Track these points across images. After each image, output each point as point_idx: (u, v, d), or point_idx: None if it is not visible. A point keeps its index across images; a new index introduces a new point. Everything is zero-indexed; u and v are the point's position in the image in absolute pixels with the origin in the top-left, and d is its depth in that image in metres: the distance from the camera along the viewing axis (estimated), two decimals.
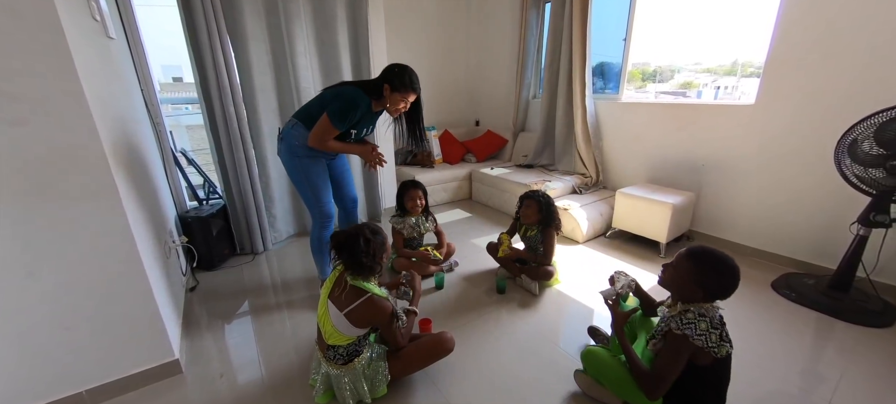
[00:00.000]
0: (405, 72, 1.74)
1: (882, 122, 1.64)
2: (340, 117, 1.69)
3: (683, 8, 2.96)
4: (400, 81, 1.73)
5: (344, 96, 1.71)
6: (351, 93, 1.72)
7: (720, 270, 1.09)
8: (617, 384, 1.27)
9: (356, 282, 1.30)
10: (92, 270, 1.27)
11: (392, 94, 1.74)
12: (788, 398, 1.37)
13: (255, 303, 2.08)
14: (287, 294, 2.16)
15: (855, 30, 1.89)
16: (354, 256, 1.27)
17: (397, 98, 1.75)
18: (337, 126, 1.71)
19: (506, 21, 3.87)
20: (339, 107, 1.69)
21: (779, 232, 2.32)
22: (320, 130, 1.71)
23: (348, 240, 1.28)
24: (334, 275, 1.37)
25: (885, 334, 1.69)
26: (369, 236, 1.30)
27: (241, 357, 1.66)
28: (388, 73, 1.75)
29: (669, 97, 3.36)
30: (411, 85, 1.75)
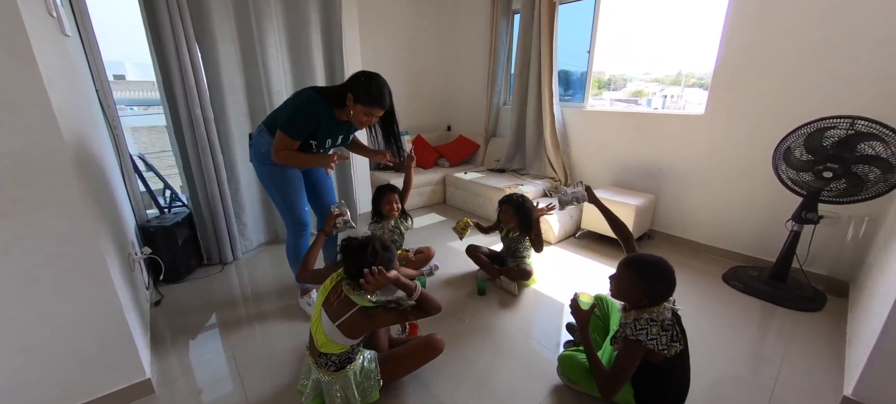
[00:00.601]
0: (372, 82, 1.53)
1: (810, 132, 1.88)
2: (291, 128, 1.55)
3: (634, 22, 3.19)
4: (365, 94, 1.52)
5: (300, 107, 1.56)
6: (304, 100, 1.57)
7: (657, 274, 1.19)
8: (588, 383, 1.36)
9: (350, 294, 1.29)
10: (58, 287, 1.17)
11: (355, 105, 1.54)
12: (740, 379, 1.53)
13: (229, 316, 2.00)
14: (261, 304, 2.09)
15: (787, 50, 2.16)
16: (359, 266, 1.26)
17: (361, 111, 1.55)
18: (293, 137, 1.56)
19: (476, 30, 3.97)
20: (288, 118, 1.55)
21: (728, 230, 2.57)
22: (279, 146, 1.58)
23: (358, 249, 1.27)
24: (332, 281, 1.36)
25: (816, 317, 1.93)
26: (379, 250, 1.29)
27: (218, 372, 1.59)
28: (353, 81, 1.55)
29: (622, 105, 3.61)
30: (378, 99, 1.54)
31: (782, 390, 1.47)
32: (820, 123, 1.84)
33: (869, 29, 1.90)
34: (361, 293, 1.28)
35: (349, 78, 1.59)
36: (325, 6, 2.64)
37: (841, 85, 2.01)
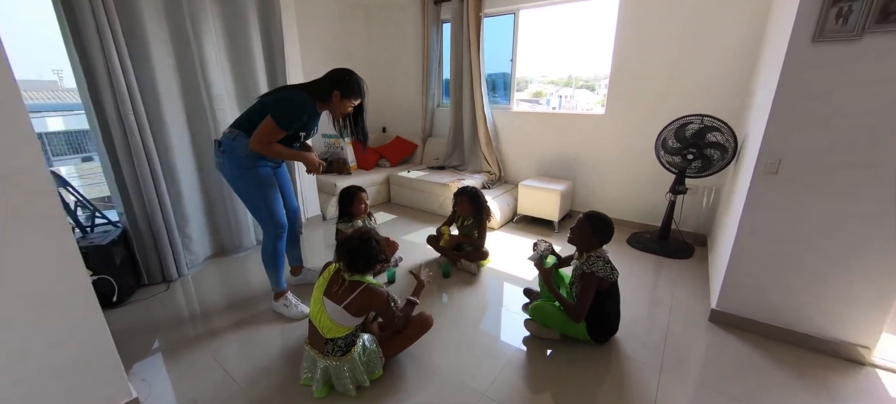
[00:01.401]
0: (353, 78, 1.80)
1: (678, 126, 2.55)
2: (287, 121, 1.67)
3: (535, 33, 3.72)
4: (349, 88, 1.78)
5: (291, 100, 1.69)
6: (298, 97, 1.71)
7: (606, 222, 1.67)
8: (556, 322, 1.74)
9: (353, 278, 1.44)
10: (43, 308, 1.09)
11: (342, 100, 1.78)
12: (648, 320, 2.06)
13: (200, 329, 1.92)
14: (232, 314, 2.04)
15: (659, 65, 2.85)
16: (364, 257, 1.42)
17: (347, 104, 1.81)
18: (284, 128, 1.67)
19: (408, 38, 4.19)
20: (287, 110, 1.67)
21: (628, 203, 3.26)
22: (264, 133, 1.65)
23: (360, 242, 1.43)
24: (328, 275, 1.47)
25: (690, 262, 2.63)
26: (376, 242, 1.48)
27: (206, 381, 1.57)
28: (337, 78, 1.77)
29: (527, 104, 4.18)
30: (360, 91, 1.83)
31: (674, 313, 2.03)
32: (683, 119, 2.52)
33: (708, 53, 2.65)
34: (364, 275, 1.46)
35: (329, 75, 1.79)
36: (263, 9, 2.60)
37: (697, 91, 2.75)
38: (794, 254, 1.67)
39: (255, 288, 2.30)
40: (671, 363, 1.67)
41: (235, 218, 2.67)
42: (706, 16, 2.60)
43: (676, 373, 1.61)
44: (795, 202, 1.61)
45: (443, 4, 3.85)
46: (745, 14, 2.47)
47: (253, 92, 2.62)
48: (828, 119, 1.49)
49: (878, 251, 1.51)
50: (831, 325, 1.67)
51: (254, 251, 2.80)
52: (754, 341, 1.79)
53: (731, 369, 1.64)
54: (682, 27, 2.70)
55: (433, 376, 1.60)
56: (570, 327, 1.72)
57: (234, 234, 2.71)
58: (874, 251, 1.52)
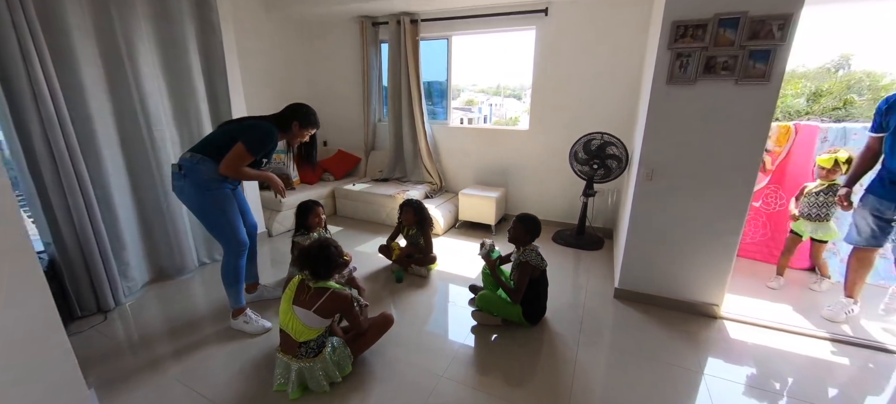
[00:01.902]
0: (310, 111, 2.03)
1: (585, 141, 3.10)
2: (259, 147, 1.83)
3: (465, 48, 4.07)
4: (307, 120, 2.00)
5: (260, 128, 1.85)
6: (266, 126, 1.87)
7: (534, 221, 2.08)
8: (499, 308, 2.08)
9: (318, 284, 1.61)
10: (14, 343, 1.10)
11: (301, 129, 2.00)
12: (570, 303, 2.50)
13: (148, 357, 1.89)
14: (179, 340, 2.03)
15: (571, 87, 3.41)
16: (322, 264, 1.59)
17: (304, 133, 2.03)
18: (253, 153, 1.82)
19: (347, 56, 4.34)
20: (257, 137, 1.83)
21: (551, 206, 3.78)
22: (235, 158, 1.79)
23: (319, 249, 1.59)
24: (294, 286, 1.62)
25: (601, 252, 3.19)
26: (334, 249, 1.66)
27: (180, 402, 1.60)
28: (296, 111, 1.98)
29: (460, 112, 4.61)
30: (317, 122, 2.06)
31: (588, 294, 2.50)
32: (589, 136, 3.08)
33: (606, 84, 3.26)
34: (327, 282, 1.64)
35: (290, 108, 1.99)
36: (201, 30, 2.59)
37: (600, 113, 3.35)
38: (665, 239, 2.22)
39: (205, 309, 2.29)
40: (587, 333, 2.10)
41: (177, 240, 2.60)
42: (602, 58, 3.22)
43: (591, 341, 2.04)
44: (664, 200, 2.16)
45: (381, 26, 4.08)
46: (630, 59, 3.12)
47: (194, 113, 2.60)
48: (679, 138, 2.04)
49: (718, 233, 2.10)
50: (693, 291, 2.25)
51: (198, 272, 2.73)
52: (644, 309, 2.31)
53: (629, 332, 2.11)
54: (586, 63, 3.30)
55: (396, 367, 1.82)
56: (510, 312, 2.07)
57: (175, 257, 2.63)
58: (716, 234, 2.10)
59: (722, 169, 2.00)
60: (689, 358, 1.90)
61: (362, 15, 4.00)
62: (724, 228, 2.08)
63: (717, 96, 1.92)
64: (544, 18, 3.34)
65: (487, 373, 1.81)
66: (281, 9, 3.80)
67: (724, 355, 1.94)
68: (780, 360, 1.90)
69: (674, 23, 1.91)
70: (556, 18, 3.31)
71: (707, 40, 1.87)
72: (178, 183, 1.85)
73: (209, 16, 2.60)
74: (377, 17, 4.03)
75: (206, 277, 2.69)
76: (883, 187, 1.98)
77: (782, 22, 1.74)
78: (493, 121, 9.71)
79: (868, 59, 6.55)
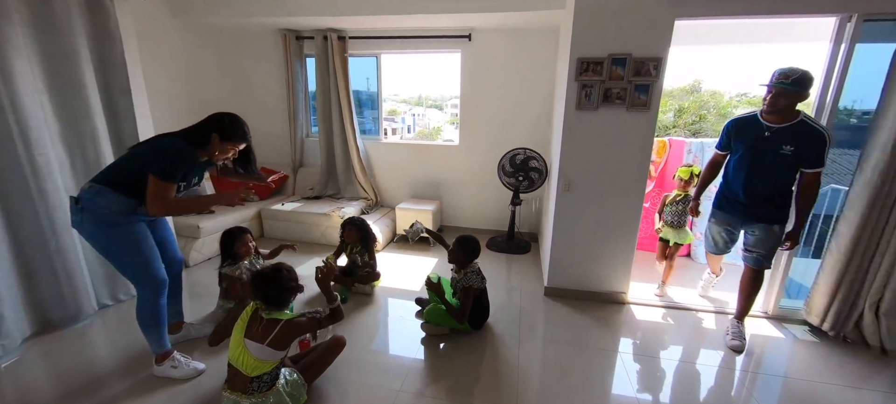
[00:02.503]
0: (236, 121, 1.77)
1: (510, 155, 3.43)
2: (173, 171, 1.60)
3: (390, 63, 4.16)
4: (232, 132, 1.73)
5: (166, 149, 1.61)
6: (176, 144, 1.63)
7: (472, 242, 2.23)
8: (447, 320, 2.21)
9: (271, 315, 1.55)
10: None
11: (222, 143, 1.72)
12: (506, 303, 2.75)
13: None
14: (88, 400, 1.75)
15: (494, 105, 3.74)
16: (275, 287, 1.54)
17: (228, 147, 1.75)
18: (170, 180, 1.59)
19: (269, 69, 4.12)
20: (170, 160, 1.59)
21: (483, 215, 4.06)
22: (154, 194, 1.57)
23: (272, 279, 1.54)
24: (246, 316, 1.54)
25: (529, 255, 3.53)
26: (287, 271, 1.61)
27: None
28: (216, 122, 1.72)
29: (386, 122, 4.68)
30: (243, 135, 1.78)
31: (523, 295, 2.78)
32: (513, 151, 3.41)
33: (526, 104, 3.65)
34: (282, 310, 1.59)
35: (208, 119, 1.73)
36: (98, 44, 2.28)
37: (522, 130, 3.72)
38: (582, 241, 2.58)
39: (114, 359, 2.00)
40: (525, 330, 2.34)
41: (70, 283, 2.21)
42: (520, 82, 3.61)
43: (529, 336, 2.28)
44: (580, 208, 2.52)
45: (306, 41, 3.97)
46: (543, 84, 3.55)
47: (89, 134, 2.27)
48: (588, 155, 2.42)
49: (622, 232, 2.52)
50: (605, 283, 2.65)
51: (98, 317, 2.35)
52: (569, 303, 2.65)
53: (558, 324, 2.41)
54: (506, 85, 3.65)
55: (352, 390, 1.82)
56: (457, 322, 2.20)
57: (67, 303, 2.23)
58: (620, 233, 2.52)
59: (621, 178, 2.43)
60: (608, 340, 2.25)
61: (284, 28, 3.86)
62: (626, 228, 2.51)
63: (614, 120, 2.33)
64: (468, 43, 3.61)
65: (442, 381, 1.91)
66: (191, 15, 3.48)
67: (631, 334, 2.34)
68: (671, 331, 2.35)
69: (579, 59, 2.28)
70: (479, 44, 3.61)
71: (604, 75, 2.27)
72: (75, 218, 1.61)
73: (105, 24, 2.30)
74: (301, 32, 3.92)
75: (110, 321, 2.33)
76: (728, 204, 2.18)
77: (656, 63, 2.21)
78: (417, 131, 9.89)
79: (712, 83, 8.41)
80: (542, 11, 2.91)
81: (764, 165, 1.97)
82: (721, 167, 2.26)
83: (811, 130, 1.86)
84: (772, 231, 2.05)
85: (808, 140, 1.86)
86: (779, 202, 2.02)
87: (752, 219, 2.09)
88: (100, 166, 2.27)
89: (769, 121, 1.95)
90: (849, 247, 2.13)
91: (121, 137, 2.45)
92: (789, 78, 1.81)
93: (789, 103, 1.86)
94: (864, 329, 2.18)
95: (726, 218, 2.23)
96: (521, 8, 2.91)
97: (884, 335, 2.12)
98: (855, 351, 2.17)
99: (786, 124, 1.90)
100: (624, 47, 2.21)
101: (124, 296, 2.54)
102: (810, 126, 1.87)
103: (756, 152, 1.98)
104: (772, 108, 1.90)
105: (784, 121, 1.90)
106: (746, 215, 2.10)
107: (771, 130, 1.93)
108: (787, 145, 1.88)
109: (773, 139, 1.92)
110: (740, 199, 2.09)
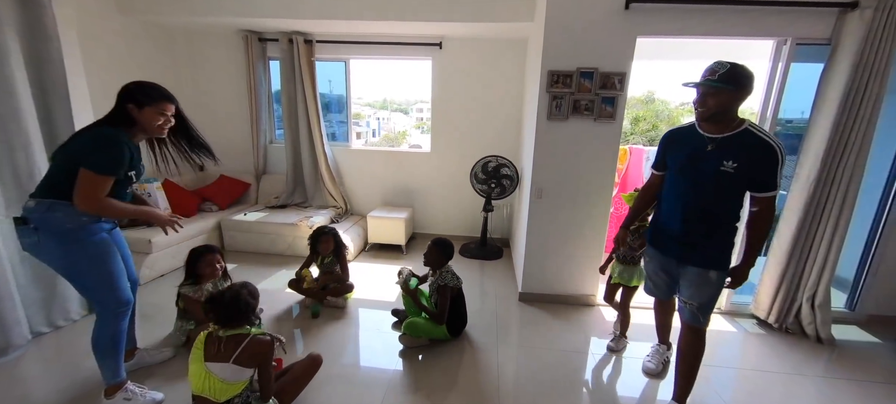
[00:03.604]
0: (144, 85, 1.54)
1: (483, 163, 3.47)
2: (108, 163, 1.42)
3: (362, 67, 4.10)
4: (144, 94, 1.51)
5: (97, 138, 1.43)
6: (106, 132, 1.45)
7: (447, 244, 2.26)
8: (425, 331, 2.18)
9: (230, 332, 1.45)
10: None
11: (141, 111, 1.50)
12: (481, 309, 2.77)
13: None
14: None
15: (464, 115, 3.77)
16: (235, 313, 1.45)
17: (151, 114, 1.52)
18: (109, 173, 1.42)
19: (230, 72, 3.91)
20: (103, 149, 1.41)
21: (456, 222, 4.07)
22: (86, 189, 1.39)
23: (232, 300, 1.46)
24: (200, 343, 1.44)
25: (501, 261, 3.59)
26: (249, 293, 1.52)
27: None
28: (125, 93, 1.51)
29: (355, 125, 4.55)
30: (162, 93, 1.55)
31: (498, 301, 2.81)
32: (485, 158, 3.46)
33: (495, 113, 3.72)
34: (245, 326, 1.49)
35: (118, 96, 1.52)
36: (30, 37, 2.05)
37: (493, 138, 3.78)
38: (554, 246, 2.66)
39: (50, 396, 1.78)
40: (502, 335, 2.36)
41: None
42: (490, 91, 3.68)
43: (506, 341, 2.31)
44: (552, 214, 2.60)
45: (269, 43, 3.80)
46: (513, 94, 3.63)
47: (20, 143, 2.04)
48: (559, 163, 2.50)
49: (590, 236, 2.62)
50: (575, 286, 2.75)
51: (32, 346, 2.10)
52: (542, 306, 2.72)
53: (533, 327, 2.47)
54: (477, 94, 3.71)
55: None
56: (435, 332, 2.19)
57: None
58: (589, 237, 2.62)
59: (589, 185, 2.53)
60: (580, 341, 2.34)
61: (246, 29, 3.67)
62: (595, 232, 2.62)
63: (583, 131, 2.43)
64: (439, 51, 3.63)
65: (423, 392, 1.89)
66: (140, 14, 3.22)
67: (599, 334, 2.43)
68: (635, 330, 2.48)
69: (549, 71, 2.36)
70: (449, 52, 3.64)
71: (573, 87, 2.36)
72: (28, 240, 1.45)
73: (40, 19, 2.07)
74: (264, 34, 3.75)
75: (47, 352, 2.09)
76: (662, 238, 1.72)
77: (621, 77, 2.33)
78: (382, 135, 9.81)
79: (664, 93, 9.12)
80: (511, 23, 2.98)
81: (701, 188, 1.54)
82: (657, 190, 1.79)
83: (758, 142, 1.43)
84: (707, 278, 1.56)
85: (754, 154, 1.43)
86: (719, 239, 1.55)
87: (686, 259, 1.62)
88: (32, 176, 2.05)
89: (707, 132, 1.52)
90: (788, 247, 2.36)
91: (56, 143, 2.20)
92: (716, 73, 1.41)
93: (721, 106, 1.44)
94: (803, 320, 2.42)
95: (661, 258, 1.75)
96: (491, 19, 2.97)
97: (819, 325, 2.36)
98: (796, 341, 2.40)
99: (727, 134, 1.47)
100: (591, 62, 2.32)
101: (64, 321, 2.28)
102: (757, 136, 1.43)
103: (691, 171, 1.56)
104: (702, 112, 1.49)
105: (725, 130, 1.48)
106: (681, 253, 1.63)
107: (714, 142, 1.50)
108: (728, 160, 1.45)
109: (713, 153, 1.49)
110: (673, 233, 1.64)
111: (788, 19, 2.19)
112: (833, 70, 2.18)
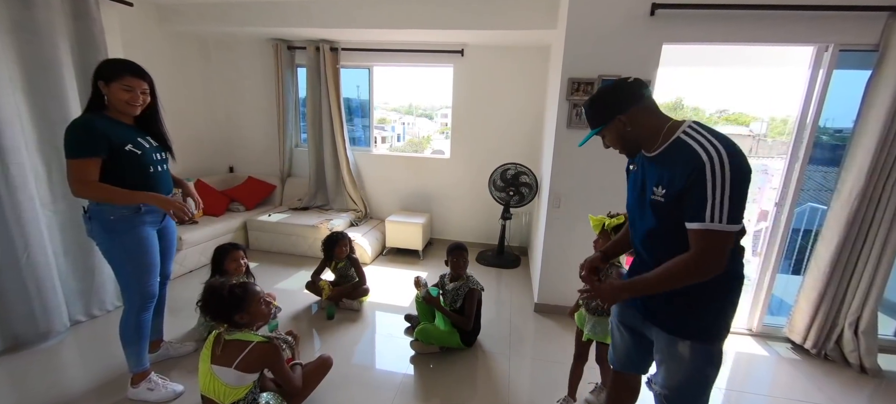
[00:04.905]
0: (113, 59, 1.57)
1: (501, 170, 3.44)
2: (78, 147, 1.44)
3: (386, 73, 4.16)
4: (110, 69, 1.49)
5: (69, 128, 1.47)
6: (75, 119, 1.51)
7: (464, 250, 2.26)
8: (439, 338, 2.17)
9: (233, 337, 1.48)
10: None
11: (109, 86, 1.49)
12: (496, 318, 2.73)
13: None
14: None
15: (486, 120, 3.76)
16: (223, 309, 1.47)
17: (117, 89, 1.49)
18: (81, 155, 1.44)
19: (258, 79, 4.08)
20: (73, 137, 1.45)
21: (473, 229, 4.05)
22: (70, 175, 1.46)
23: (210, 292, 1.49)
24: (209, 343, 1.48)
25: (519, 269, 3.53)
26: (242, 288, 1.51)
27: None
28: (95, 71, 1.51)
29: (376, 130, 4.59)
30: (127, 65, 1.51)
31: (513, 310, 2.76)
32: (504, 166, 3.43)
33: (517, 120, 3.69)
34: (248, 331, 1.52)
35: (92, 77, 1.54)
36: (81, 49, 2.23)
37: (513, 146, 3.75)
38: (572, 257, 2.59)
39: (85, 381, 1.91)
40: (515, 346, 2.32)
41: (41, 298, 2.10)
42: (511, 98, 3.65)
43: (519, 352, 2.26)
44: (570, 224, 2.54)
45: (297, 51, 3.94)
46: (534, 101, 3.59)
47: None
48: (578, 172, 2.45)
49: None
50: None
51: (70, 334, 2.24)
52: (557, 319, 2.65)
53: (547, 340, 2.41)
54: (498, 101, 3.69)
55: None
56: (450, 340, 2.18)
57: (37, 320, 2.12)
58: None
59: (609, 195, 2.45)
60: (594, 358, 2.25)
61: (276, 38, 3.83)
62: None
63: None
64: (461, 58, 3.65)
65: (434, 399, 1.88)
66: (178, 24, 3.42)
67: None
68: None
69: (570, 79, 2.32)
70: (471, 60, 3.65)
71: None
72: (88, 227, 1.62)
73: (90, 31, 2.24)
74: (292, 42, 3.90)
75: (82, 340, 2.23)
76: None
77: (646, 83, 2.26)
78: (407, 140, 9.95)
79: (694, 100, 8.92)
80: (533, 31, 2.96)
81: (643, 225, 1.15)
82: None
83: (686, 154, 0.98)
84: (675, 351, 1.12)
85: (681, 170, 0.99)
86: (684, 296, 1.07)
87: (649, 316, 1.19)
88: None
89: (645, 151, 1.13)
90: (828, 267, 2.19)
91: None
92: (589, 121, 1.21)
93: (619, 140, 1.16)
94: (844, 347, 2.24)
95: (626, 311, 1.31)
96: (513, 27, 2.96)
97: (863, 354, 2.17)
98: (836, 370, 2.22)
99: (655, 152, 1.08)
100: (614, 69, 2.26)
101: (98, 311, 2.43)
102: (686, 145, 1.00)
103: (635, 206, 1.20)
104: (620, 152, 1.21)
105: (654, 145, 1.09)
106: (644, 308, 1.20)
107: (643, 163, 1.15)
108: (656, 185, 1.06)
109: (642, 178, 1.14)
110: None
111: (831, 24, 2.06)
112: (881, 77, 2.02)
